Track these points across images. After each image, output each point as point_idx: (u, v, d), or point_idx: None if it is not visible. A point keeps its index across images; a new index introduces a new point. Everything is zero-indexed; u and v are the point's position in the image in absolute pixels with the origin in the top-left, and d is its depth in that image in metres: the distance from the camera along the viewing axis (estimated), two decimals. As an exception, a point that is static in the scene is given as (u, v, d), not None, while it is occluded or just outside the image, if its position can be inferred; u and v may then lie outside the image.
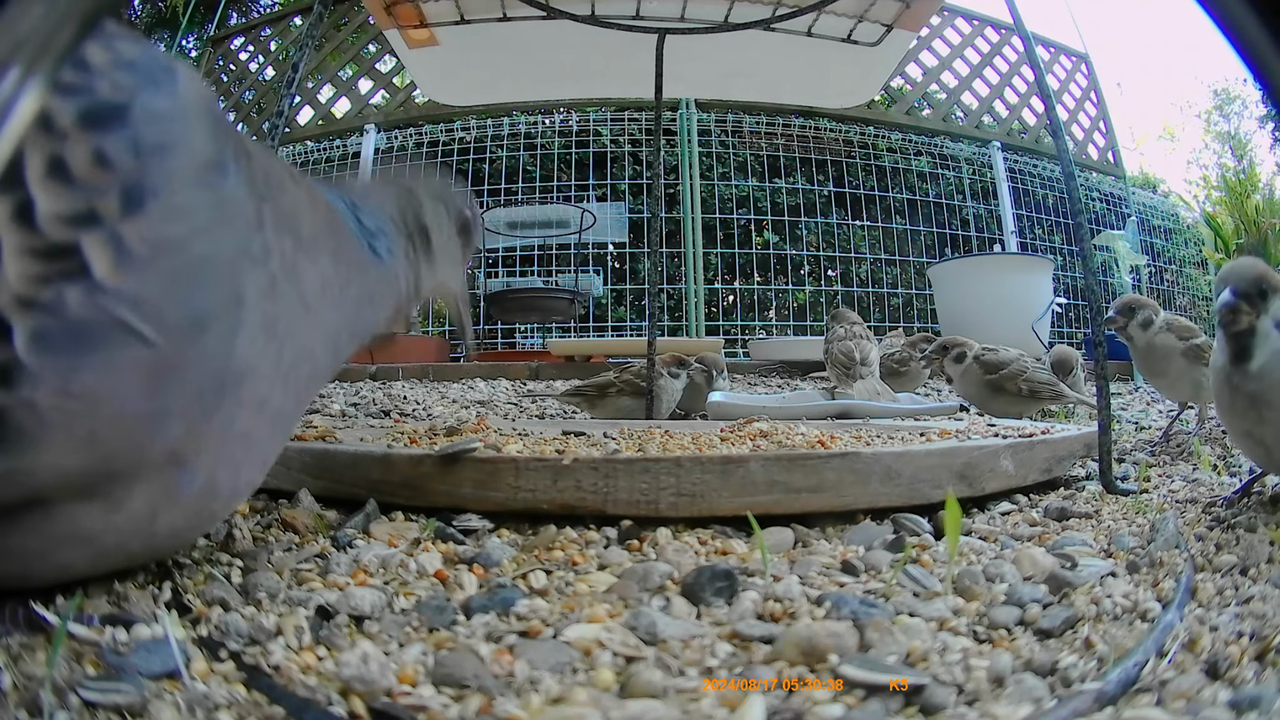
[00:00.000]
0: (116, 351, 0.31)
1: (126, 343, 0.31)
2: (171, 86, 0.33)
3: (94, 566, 0.39)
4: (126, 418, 0.32)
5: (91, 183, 0.30)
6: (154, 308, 0.32)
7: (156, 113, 0.32)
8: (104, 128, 0.31)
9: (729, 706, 0.32)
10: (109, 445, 0.32)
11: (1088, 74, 4.40)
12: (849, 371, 1.59)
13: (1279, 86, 0.20)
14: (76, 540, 0.35)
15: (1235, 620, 0.41)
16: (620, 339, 3.44)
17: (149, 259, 0.31)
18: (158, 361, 0.32)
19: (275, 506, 0.61)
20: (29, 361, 0.29)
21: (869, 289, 4.03)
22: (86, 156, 0.31)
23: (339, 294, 0.45)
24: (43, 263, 0.30)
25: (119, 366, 0.31)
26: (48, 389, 0.30)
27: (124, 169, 0.31)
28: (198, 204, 0.33)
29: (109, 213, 0.31)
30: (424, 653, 0.37)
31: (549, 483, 0.60)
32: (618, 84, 1.75)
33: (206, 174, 0.34)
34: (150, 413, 0.33)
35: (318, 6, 1.00)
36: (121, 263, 0.31)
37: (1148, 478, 0.86)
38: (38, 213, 0.30)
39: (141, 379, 0.32)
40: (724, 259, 4.13)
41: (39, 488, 0.32)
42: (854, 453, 0.64)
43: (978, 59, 4.19)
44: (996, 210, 4.15)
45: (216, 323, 0.34)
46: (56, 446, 0.31)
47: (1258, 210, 5.24)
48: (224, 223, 0.35)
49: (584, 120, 4.15)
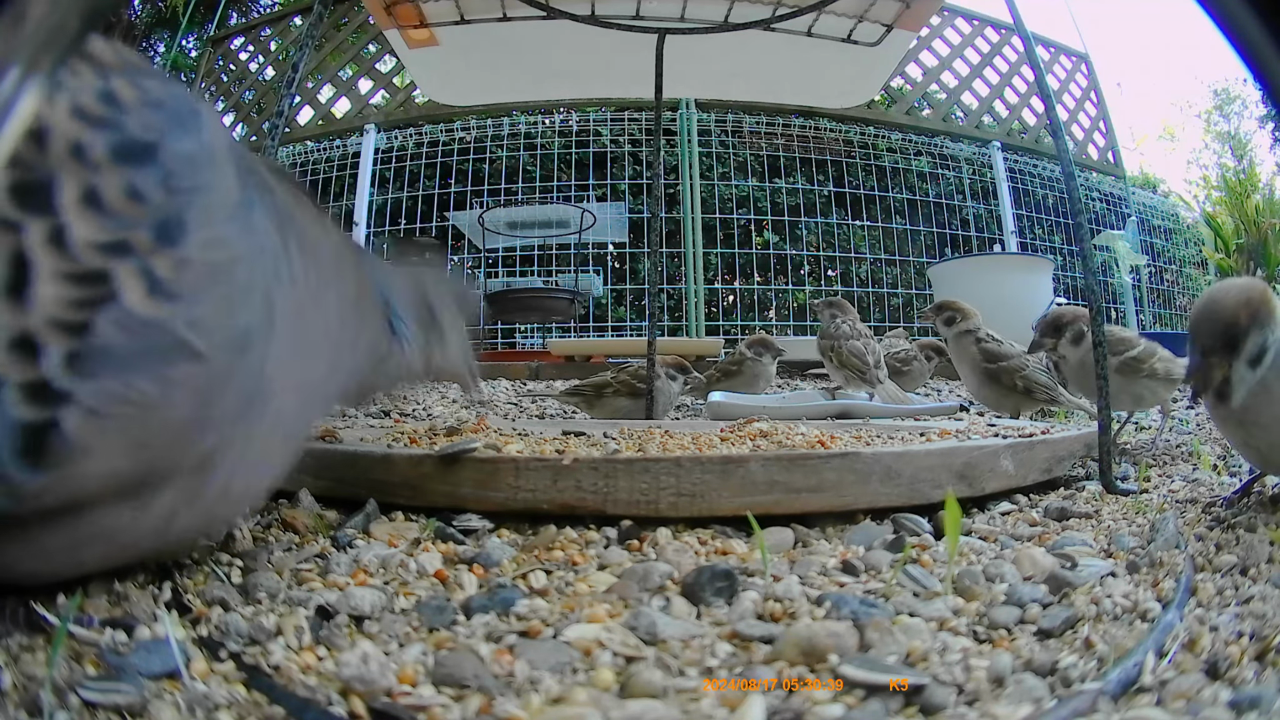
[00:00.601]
0: (173, 365, 0.34)
1: (183, 357, 0.34)
2: (198, 129, 0.36)
3: (105, 563, 0.41)
4: (176, 424, 0.35)
5: (124, 214, 0.32)
6: (207, 326, 0.35)
7: (186, 154, 0.35)
8: (135, 164, 0.33)
9: (729, 706, 0.32)
10: (156, 450, 0.35)
11: (1088, 74, 4.40)
12: (864, 375, 1.55)
13: (1279, 86, 0.20)
14: (100, 539, 0.37)
15: (1235, 620, 0.41)
16: (620, 339, 3.44)
17: (199, 283, 0.34)
18: (208, 374, 0.35)
19: (275, 506, 0.61)
20: (63, 381, 0.31)
21: (869, 289, 4.03)
22: (119, 189, 0.32)
23: (355, 333, 0.50)
24: (76, 287, 0.31)
25: (174, 378, 0.34)
26: (89, 404, 0.32)
27: (155, 203, 0.33)
28: (233, 234, 0.36)
29: (140, 244, 0.33)
30: (424, 653, 0.37)
31: (549, 483, 0.60)
32: (618, 84, 1.75)
33: (237, 212, 0.37)
34: (196, 420, 0.36)
35: (318, 6, 1.00)
36: (153, 291, 0.33)
37: (1148, 478, 0.86)
38: (73, 239, 0.31)
39: (192, 390, 0.35)
40: (724, 259, 4.13)
41: (84, 492, 0.34)
42: (854, 453, 0.64)
43: (978, 59, 4.19)
44: (996, 210, 4.15)
45: (255, 339, 0.37)
46: (105, 454, 0.33)
47: (1258, 210, 5.24)
48: (257, 252, 0.38)
49: (584, 120, 4.15)
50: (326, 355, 0.46)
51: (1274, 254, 5.01)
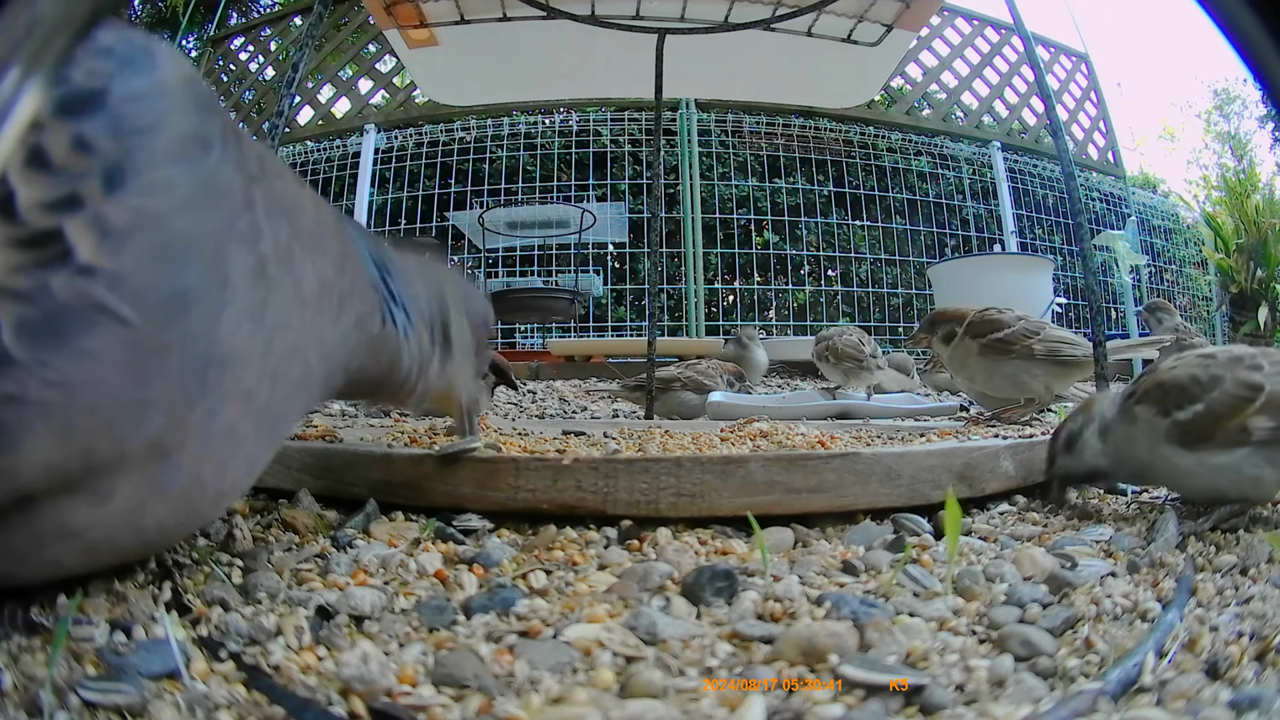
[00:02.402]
0: (94, 335, 0.29)
1: (104, 325, 0.29)
2: (150, 66, 0.32)
3: (87, 563, 0.38)
4: (107, 406, 0.31)
5: (72, 168, 0.30)
6: (132, 286, 0.30)
7: (135, 93, 0.31)
8: (82, 114, 0.30)
9: (729, 706, 0.32)
10: (89, 437, 0.31)
11: (1088, 74, 4.40)
12: (862, 364, 1.56)
13: (1279, 86, 0.20)
14: (65, 536, 0.34)
15: (1235, 620, 0.41)
16: (620, 339, 3.44)
17: (127, 235, 0.30)
18: (137, 344, 0.30)
19: (275, 506, 0.61)
20: (16, 354, 0.28)
21: (869, 289, 4.03)
22: (65, 143, 0.30)
23: (338, 306, 0.43)
24: (25, 252, 0.29)
25: (97, 351, 0.30)
26: (31, 381, 0.28)
27: (105, 151, 0.30)
28: (178, 178, 0.32)
29: (91, 194, 0.30)
30: (424, 653, 0.37)
31: (549, 483, 0.60)
32: (618, 84, 1.75)
33: (188, 148, 0.33)
34: (131, 401, 0.31)
35: (318, 6, 1.00)
36: (105, 243, 0.29)
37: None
38: (18, 203, 0.29)
39: (121, 364, 0.30)
40: (724, 259, 4.13)
41: (23, 486, 0.31)
42: (854, 453, 0.64)
43: (978, 59, 4.19)
44: (996, 210, 4.15)
45: (199, 302, 0.32)
46: (38, 441, 0.30)
47: (1258, 210, 5.24)
48: (207, 198, 0.33)
49: (584, 120, 4.15)
50: (304, 326, 0.40)
51: (1274, 254, 5.01)
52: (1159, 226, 4.92)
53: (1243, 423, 0.58)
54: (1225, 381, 0.60)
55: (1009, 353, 1.10)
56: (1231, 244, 5.19)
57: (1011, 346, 1.10)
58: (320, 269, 0.41)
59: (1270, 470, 0.58)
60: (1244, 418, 0.58)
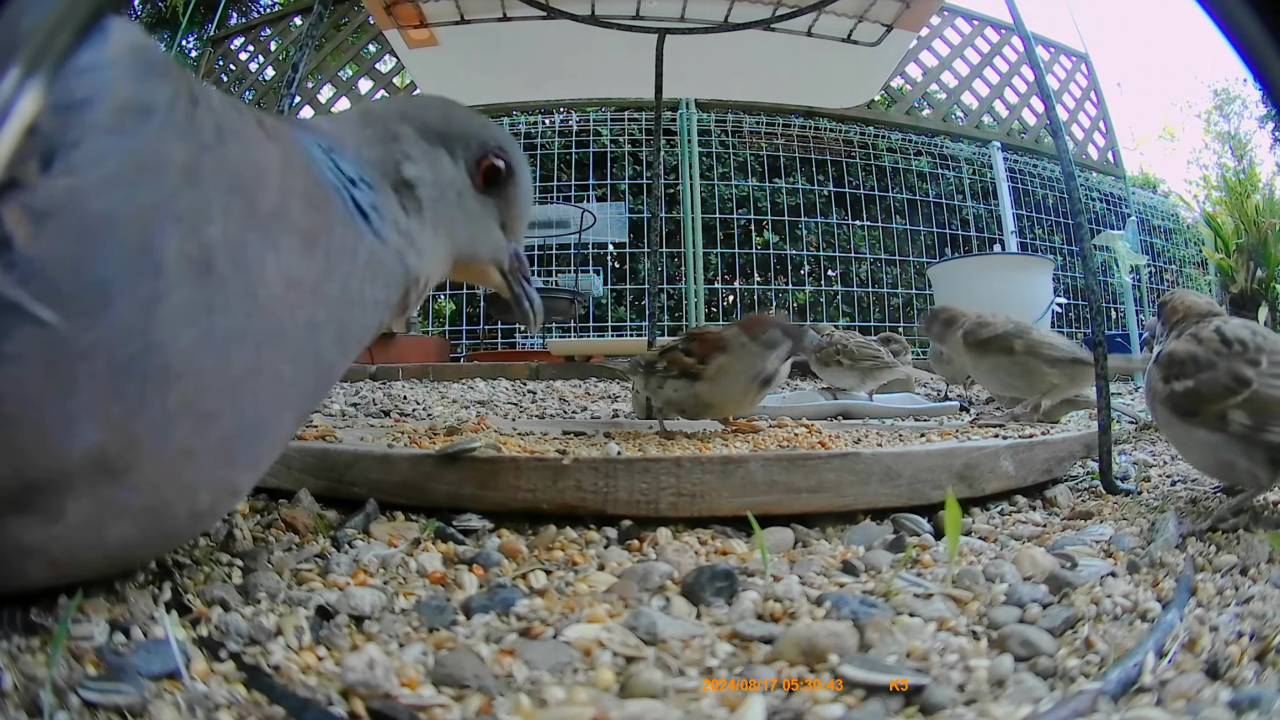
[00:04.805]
0: (8, 338, 0.26)
1: (17, 325, 0.26)
2: (99, 39, 0.29)
3: (54, 576, 0.36)
4: (29, 418, 0.27)
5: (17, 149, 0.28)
6: (48, 279, 0.26)
7: (78, 67, 0.28)
8: None
9: (729, 706, 0.32)
10: (16, 451, 0.28)
11: (1088, 74, 4.40)
12: (882, 361, 1.55)
13: (1279, 86, 0.20)
14: (24, 553, 0.32)
15: (1235, 620, 0.41)
16: (620, 339, 3.44)
17: (43, 220, 0.27)
18: (57, 345, 0.27)
19: (275, 506, 0.61)
20: None
21: (869, 289, 4.03)
22: None
23: (315, 289, 0.37)
24: None
25: (12, 355, 0.26)
26: None
27: (44, 128, 0.27)
28: (104, 153, 0.28)
29: (28, 177, 0.27)
30: (424, 653, 0.37)
31: (549, 483, 0.60)
32: (618, 84, 1.75)
33: (122, 118, 0.29)
34: (58, 410, 0.28)
35: (318, 6, 1.00)
36: (34, 230, 0.26)
37: (1147, 478, 0.86)
38: None
39: (39, 368, 0.27)
40: (724, 259, 4.13)
41: None
42: (854, 453, 0.64)
43: (978, 59, 4.19)
44: (996, 210, 4.15)
45: (124, 294, 0.28)
46: None
47: (1258, 210, 5.23)
48: (136, 172, 0.29)
49: (584, 120, 4.15)
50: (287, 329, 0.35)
51: (1274, 254, 5.00)
52: (1159, 226, 4.92)
53: (1223, 411, 0.60)
54: (1218, 368, 0.62)
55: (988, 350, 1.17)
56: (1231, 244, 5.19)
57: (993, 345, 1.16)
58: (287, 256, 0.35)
59: (1243, 461, 0.60)
60: (1224, 407, 0.60)
